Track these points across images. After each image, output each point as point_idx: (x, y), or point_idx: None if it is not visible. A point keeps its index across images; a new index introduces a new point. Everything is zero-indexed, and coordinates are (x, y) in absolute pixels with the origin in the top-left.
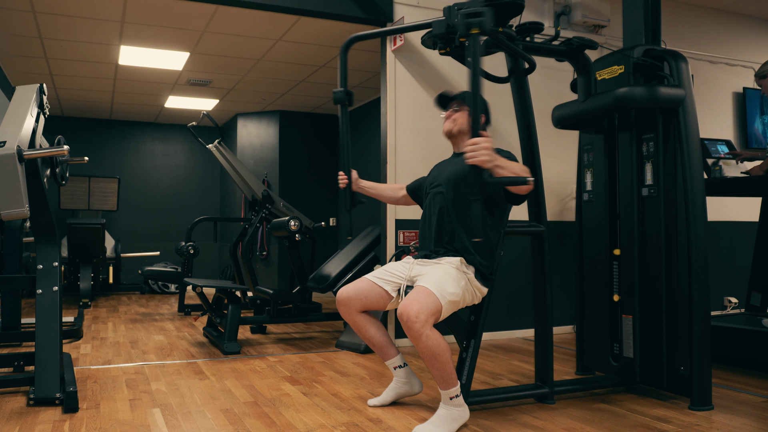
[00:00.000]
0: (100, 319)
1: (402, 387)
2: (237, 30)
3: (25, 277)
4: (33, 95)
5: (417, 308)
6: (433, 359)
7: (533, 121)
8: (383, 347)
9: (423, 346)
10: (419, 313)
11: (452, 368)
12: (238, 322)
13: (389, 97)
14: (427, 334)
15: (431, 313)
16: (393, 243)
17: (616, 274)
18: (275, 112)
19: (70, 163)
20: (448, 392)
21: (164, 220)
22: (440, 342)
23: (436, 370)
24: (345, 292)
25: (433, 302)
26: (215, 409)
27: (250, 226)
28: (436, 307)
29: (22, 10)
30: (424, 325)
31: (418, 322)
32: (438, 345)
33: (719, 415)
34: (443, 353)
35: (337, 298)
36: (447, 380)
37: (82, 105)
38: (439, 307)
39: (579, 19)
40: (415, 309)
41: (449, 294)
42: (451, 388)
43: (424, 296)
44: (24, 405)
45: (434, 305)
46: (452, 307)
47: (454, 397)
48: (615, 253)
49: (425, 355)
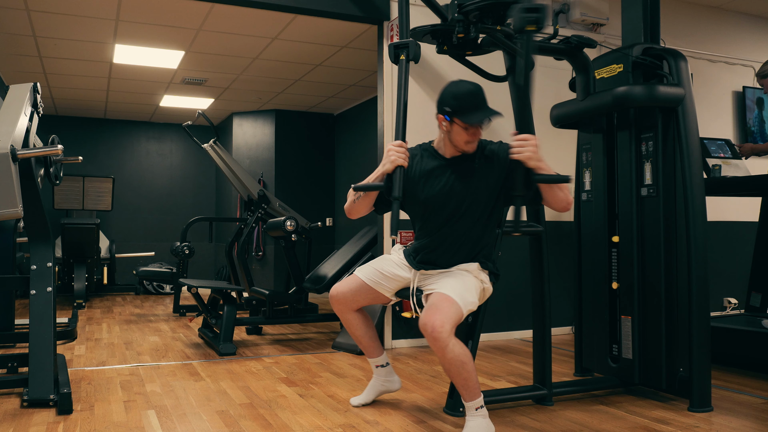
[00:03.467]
0: (95, 320)
1: (383, 385)
2: (232, 28)
3: (18, 277)
4: (27, 94)
5: (441, 318)
6: (460, 369)
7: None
8: (369, 347)
9: (450, 357)
10: (444, 323)
11: (477, 378)
12: (234, 323)
13: (386, 96)
14: (452, 344)
15: (454, 323)
16: (390, 243)
17: (615, 275)
18: (271, 111)
19: (64, 163)
20: (474, 403)
21: (159, 220)
22: (465, 351)
23: (462, 379)
24: (339, 290)
25: (456, 311)
26: (210, 410)
27: (245, 226)
28: (459, 315)
29: (15, 8)
30: (449, 336)
31: (444, 332)
32: (464, 354)
33: (719, 417)
34: (469, 362)
35: (331, 294)
36: (472, 390)
37: (77, 104)
38: (460, 316)
39: (578, 17)
40: (439, 320)
41: (470, 303)
42: (476, 399)
43: (447, 305)
44: (18, 407)
45: (457, 314)
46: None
47: (479, 407)
48: (614, 253)
49: (452, 366)
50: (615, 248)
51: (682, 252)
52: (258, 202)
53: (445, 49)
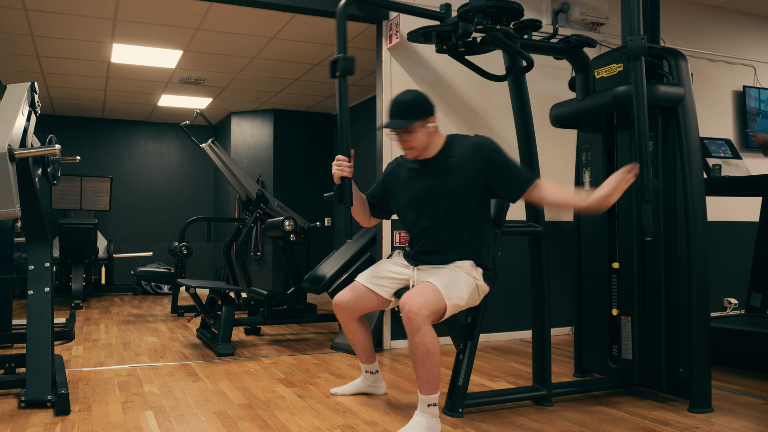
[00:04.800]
0: (92, 321)
1: (367, 387)
2: (231, 27)
3: (16, 277)
4: (24, 94)
5: (421, 301)
6: (425, 357)
7: (531, 119)
8: (364, 354)
9: (419, 341)
10: (422, 306)
11: (438, 374)
12: (232, 324)
13: (385, 96)
14: (425, 329)
15: (433, 310)
16: (389, 243)
17: (615, 279)
18: (269, 110)
19: (62, 163)
20: (428, 398)
21: (157, 220)
22: (435, 342)
23: (425, 370)
24: (342, 298)
25: (437, 299)
26: (209, 411)
27: (244, 226)
28: (440, 305)
29: (13, 7)
30: (425, 320)
31: (420, 315)
32: (433, 344)
33: (719, 418)
34: (436, 353)
35: (334, 303)
36: (431, 384)
37: (74, 103)
38: (442, 307)
39: (577, 16)
40: (418, 301)
41: (455, 297)
42: (432, 394)
43: (430, 292)
44: (15, 407)
45: (438, 303)
46: (454, 310)
47: (432, 404)
48: (614, 254)
49: (418, 352)
50: (615, 249)
51: (682, 252)
52: (256, 202)
53: (444, 48)
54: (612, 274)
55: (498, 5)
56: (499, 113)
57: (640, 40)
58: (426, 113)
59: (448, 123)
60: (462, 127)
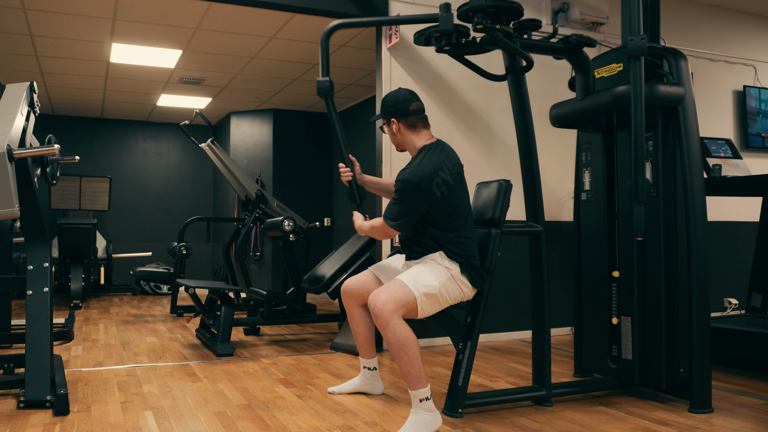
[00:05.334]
0: (92, 321)
1: (364, 385)
2: (230, 27)
3: (15, 278)
4: (23, 93)
5: (385, 296)
6: (400, 351)
7: (531, 119)
8: (364, 347)
9: (390, 335)
10: (387, 301)
11: (422, 366)
12: (231, 324)
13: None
14: (394, 323)
15: (401, 304)
16: (388, 243)
17: (615, 279)
18: (269, 110)
19: (61, 163)
20: (417, 393)
21: (156, 220)
22: (408, 335)
23: (404, 364)
24: (350, 283)
25: (403, 293)
26: (208, 411)
27: (243, 226)
28: (407, 297)
29: (12, 7)
30: (391, 314)
31: (385, 310)
32: (406, 337)
33: (719, 418)
34: (411, 346)
35: (342, 288)
36: (416, 378)
37: (73, 103)
38: (411, 298)
39: (577, 16)
40: (383, 297)
41: (423, 286)
42: (420, 389)
43: (395, 287)
44: (14, 408)
45: (405, 296)
46: (431, 300)
47: (423, 399)
48: (614, 254)
49: (393, 347)
50: (615, 249)
51: (682, 252)
52: (256, 202)
53: (444, 48)
54: (612, 274)
55: (498, 5)
56: (499, 113)
57: (641, 40)
58: (387, 114)
59: (448, 123)
60: (462, 127)
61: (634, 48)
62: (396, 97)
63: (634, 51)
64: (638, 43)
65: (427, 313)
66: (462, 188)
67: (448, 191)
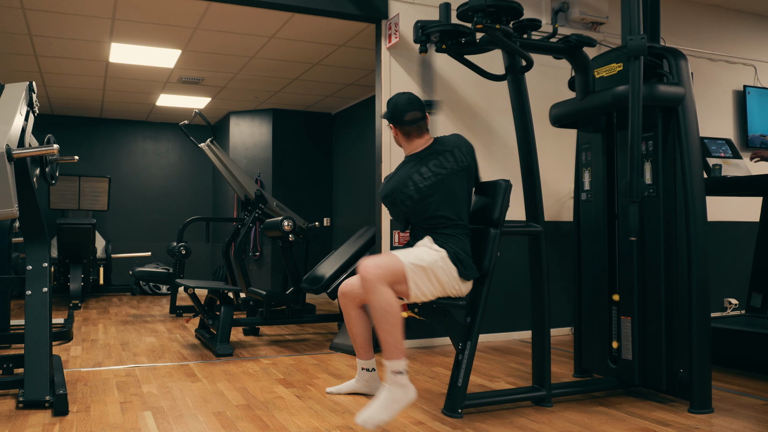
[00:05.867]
0: (91, 321)
1: (362, 387)
2: (229, 27)
3: (14, 278)
4: (22, 93)
5: (374, 262)
6: (383, 318)
7: (530, 119)
8: (362, 348)
9: (375, 300)
10: (376, 266)
11: (401, 337)
12: (231, 324)
13: (384, 95)
14: (380, 288)
15: (389, 270)
16: (388, 243)
17: (615, 279)
18: (268, 110)
19: (60, 163)
20: (392, 364)
21: (155, 220)
22: (393, 302)
23: (385, 332)
24: (348, 285)
25: (391, 260)
26: (207, 412)
27: (242, 227)
28: (395, 265)
29: (11, 6)
30: (378, 280)
31: (374, 275)
32: (390, 303)
33: (719, 418)
34: (394, 313)
35: (340, 289)
36: (393, 348)
37: (73, 103)
38: (399, 267)
39: (577, 16)
40: (372, 263)
41: (413, 257)
42: (395, 360)
43: (386, 256)
44: (13, 408)
45: (392, 263)
46: (421, 273)
47: (398, 372)
48: (614, 254)
49: (376, 312)
50: (615, 249)
51: (682, 252)
52: (255, 202)
53: (443, 48)
54: (612, 274)
55: (497, 5)
56: (499, 113)
57: (640, 40)
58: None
59: (448, 123)
60: (461, 126)
61: (633, 47)
62: (395, 104)
63: (633, 50)
64: (638, 42)
65: (418, 292)
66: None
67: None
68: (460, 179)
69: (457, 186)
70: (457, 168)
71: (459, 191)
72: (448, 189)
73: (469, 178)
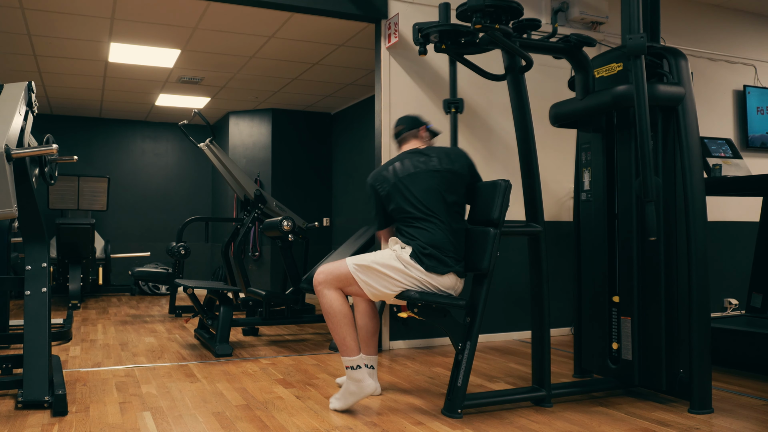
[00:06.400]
0: (90, 321)
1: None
2: (229, 27)
3: (13, 278)
4: (21, 93)
5: (321, 269)
6: (327, 319)
7: (530, 119)
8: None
9: (322, 302)
10: (320, 273)
11: (347, 336)
12: (230, 324)
13: (383, 95)
14: (324, 292)
15: (332, 275)
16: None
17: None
18: (268, 110)
19: (59, 162)
20: (344, 360)
21: (155, 220)
22: (335, 305)
23: (332, 331)
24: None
25: (338, 266)
26: (207, 412)
27: (242, 227)
28: (341, 270)
29: (10, 6)
30: (322, 284)
31: (318, 280)
32: (331, 306)
33: (719, 419)
34: (336, 315)
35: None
36: (341, 347)
37: (72, 103)
38: (344, 272)
39: (577, 15)
40: (320, 270)
41: (360, 258)
42: (346, 357)
43: (336, 263)
44: (12, 408)
45: (338, 269)
46: (366, 271)
47: (349, 367)
48: (614, 254)
49: (324, 313)
50: (615, 249)
51: (682, 252)
52: (254, 202)
53: (443, 47)
54: (612, 274)
55: (497, 4)
56: (499, 113)
57: (640, 38)
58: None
59: (447, 122)
60: (461, 126)
61: (633, 46)
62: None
63: (633, 49)
64: (637, 41)
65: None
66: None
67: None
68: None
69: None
70: (437, 168)
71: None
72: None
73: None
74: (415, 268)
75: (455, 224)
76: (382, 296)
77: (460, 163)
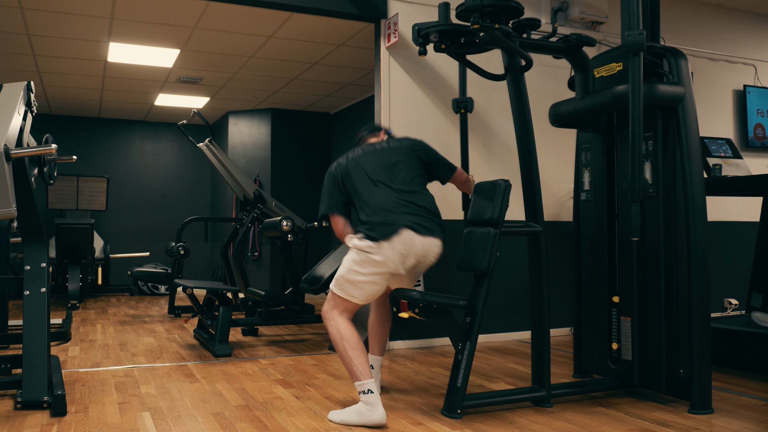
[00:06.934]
0: (89, 321)
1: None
2: (228, 27)
3: (12, 278)
4: (20, 93)
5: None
6: (336, 346)
7: (530, 119)
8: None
9: (329, 331)
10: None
11: (354, 362)
12: (230, 324)
13: (383, 95)
14: (328, 322)
15: (332, 304)
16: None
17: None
18: (267, 110)
19: (58, 162)
20: (355, 385)
21: (154, 220)
22: (337, 332)
23: (340, 357)
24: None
25: (330, 294)
26: (206, 412)
27: (241, 227)
28: (332, 295)
29: (9, 6)
30: (325, 313)
31: (323, 312)
32: (336, 333)
33: (719, 419)
34: (340, 342)
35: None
36: (349, 371)
37: (71, 103)
38: (334, 295)
39: (577, 15)
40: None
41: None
42: (355, 381)
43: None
44: (11, 408)
45: (330, 295)
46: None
47: (361, 392)
48: (614, 254)
49: (332, 341)
50: (615, 249)
51: (682, 252)
52: (254, 202)
53: (442, 47)
54: (612, 274)
55: (496, 4)
56: (498, 113)
57: (638, 35)
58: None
59: (447, 122)
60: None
61: (631, 43)
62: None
63: (631, 46)
64: (636, 38)
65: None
66: (353, 181)
67: (342, 178)
68: (385, 154)
69: (379, 157)
70: (384, 147)
71: (380, 160)
72: (371, 158)
73: (395, 154)
74: (371, 249)
75: (405, 187)
76: (374, 294)
77: (409, 142)
